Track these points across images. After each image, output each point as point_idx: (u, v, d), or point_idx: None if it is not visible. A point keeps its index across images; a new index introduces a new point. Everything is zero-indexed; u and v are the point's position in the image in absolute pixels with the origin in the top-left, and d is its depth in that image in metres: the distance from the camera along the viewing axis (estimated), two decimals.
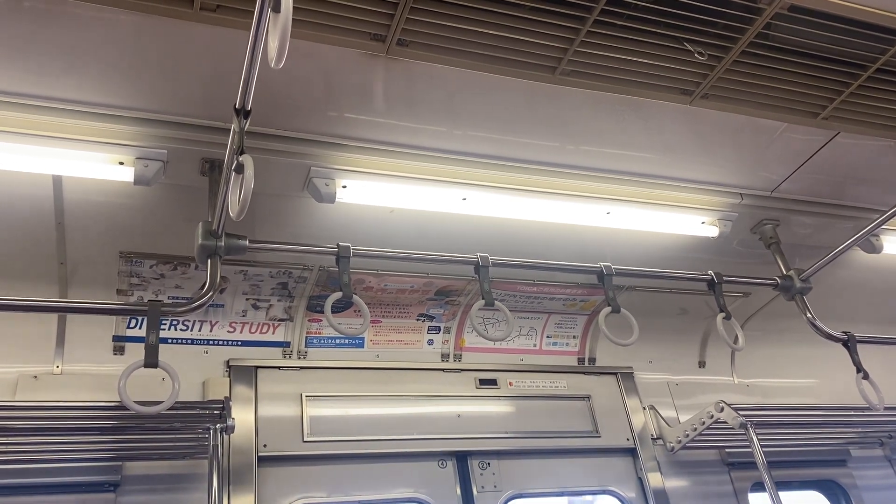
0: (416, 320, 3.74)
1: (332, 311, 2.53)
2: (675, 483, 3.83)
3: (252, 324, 3.46)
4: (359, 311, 2.61)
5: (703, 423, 3.66)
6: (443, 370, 3.77)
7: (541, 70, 2.46)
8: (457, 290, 3.64)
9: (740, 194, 3.31)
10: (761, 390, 4.48)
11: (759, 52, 2.50)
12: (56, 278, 3.01)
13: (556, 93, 2.59)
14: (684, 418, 3.90)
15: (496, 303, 2.73)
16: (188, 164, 2.58)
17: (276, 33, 1.44)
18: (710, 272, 3.19)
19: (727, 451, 3.99)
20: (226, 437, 2.99)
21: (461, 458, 3.53)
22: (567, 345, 4.10)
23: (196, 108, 2.46)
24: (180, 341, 3.34)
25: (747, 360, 4.48)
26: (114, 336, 3.20)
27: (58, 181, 2.65)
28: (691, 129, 2.89)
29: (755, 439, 3.44)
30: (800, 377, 4.62)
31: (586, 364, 4.11)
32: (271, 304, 3.43)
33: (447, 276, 3.52)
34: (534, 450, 3.67)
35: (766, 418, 3.79)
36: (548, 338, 4.05)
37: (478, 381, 3.78)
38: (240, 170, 1.97)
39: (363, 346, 3.67)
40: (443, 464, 3.49)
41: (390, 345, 3.71)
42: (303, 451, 3.24)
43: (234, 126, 1.95)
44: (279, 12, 1.42)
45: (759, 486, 3.85)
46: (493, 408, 3.74)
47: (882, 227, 3.13)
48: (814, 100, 2.75)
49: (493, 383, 3.80)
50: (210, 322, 3.38)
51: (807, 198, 3.43)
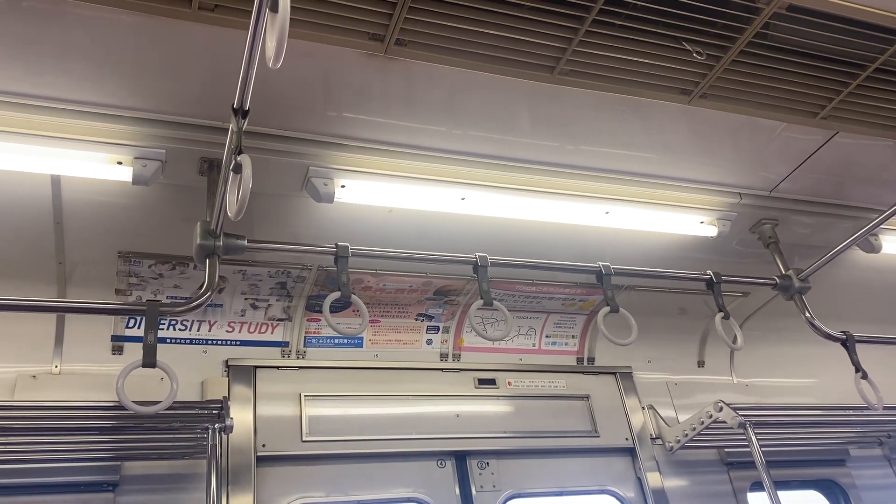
0: (415, 320, 3.74)
1: (331, 311, 2.53)
2: (673, 483, 3.83)
3: (251, 323, 3.45)
4: (357, 311, 2.60)
5: (702, 422, 3.66)
6: (442, 370, 3.77)
7: (539, 70, 2.46)
8: (456, 289, 3.64)
9: (739, 194, 3.31)
10: (760, 390, 4.48)
11: (757, 51, 2.50)
12: (55, 278, 3.01)
13: (555, 92, 2.59)
14: (683, 418, 3.90)
15: (495, 302, 2.73)
16: (187, 164, 2.58)
17: (274, 33, 1.44)
18: (708, 272, 3.19)
19: (726, 450, 3.99)
20: (224, 436, 2.98)
21: (460, 458, 3.53)
22: (566, 344, 4.10)
23: (194, 107, 2.46)
24: (179, 341, 3.34)
25: (746, 360, 4.48)
26: (112, 336, 3.20)
27: (56, 181, 2.65)
28: (690, 128, 2.89)
29: (754, 439, 3.43)
30: (799, 377, 4.62)
31: (585, 364, 4.11)
32: (270, 304, 3.43)
33: (446, 276, 3.52)
34: (533, 449, 3.67)
35: (764, 418, 3.78)
36: (547, 337, 4.05)
37: (477, 381, 3.78)
38: (238, 169, 1.97)
39: (362, 346, 3.67)
40: (442, 463, 3.49)
41: (389, 344, 3.71)
42: (301, 450, 3.24)
43: (232, 126, 1.95)
44: (277, 12, 1.42)
45: (757, 486, 3.85)
46: (491, 407, 3.74)
47: (881, 226, 3.14)
48: (812, 99, 2.75)
49: (491, 383, 3.80)
50: (209, 322, 3.38)
51: (806, 197, 3.43)
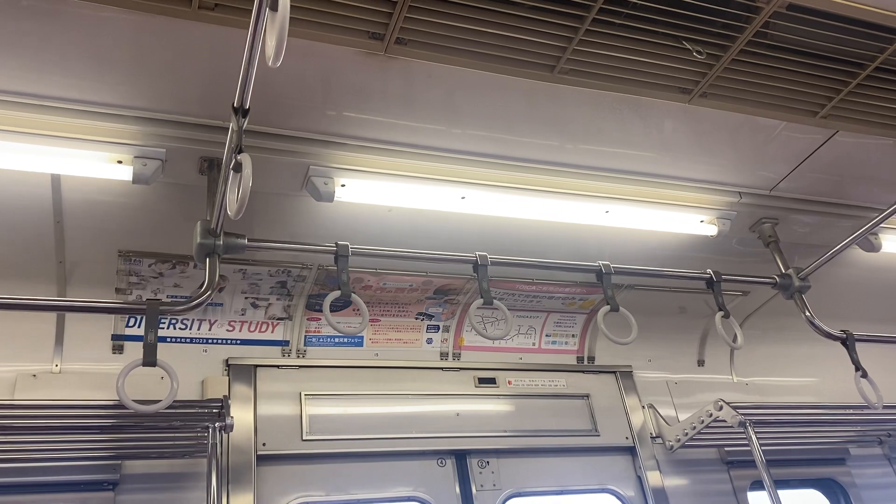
0: (415, 319, 3.74)
1: (331, 310, 2.54)
2: (674, 482, 3.83)
3: (251, 322, 3.46)
4: (357, 310, 2.61)
5: (702, 421, 3.66)
6: (442, 369, 3.77)
7: (539, 69, 2.46)
8: (455, 288, 3.64)
9: (739, 193, 3.31)
10: (760, 389, 4.48)
11: (757, 50, 2.49)
12: (55, 277, 3.01)
13: (555, 91, 2.59)
14: (683, 417, 3.90)
15: (495, 301, 2.73)
16: (187, 163, 2.58)
17: (274, 32, 1.44)
18: (708, 271, 3.19)
19: (726, 449, 3.99)
20: (225, 435, 2.99)
21: (460, 457, 3.53)
22: (566, 343, 4.10)
23: (194, 106, 2.46)
24: (179, 340, 3.34)
25: (746, 359, 4.48)
26: (113, 335, 3.20)
27: (56, 180, 2.65)
28: (690, 127, 2.89)
29: (754, 438, 3.43)
30: (798, 376, 4.62)
31: (585, 363, 4.11)
32: (270, 303, 3.44)
33: (446, 275, 3.52)
34: (533, 448, 3.67)
35: (764, 417, 3.78)
36: (547, 336, 4.05)
37: (477, 380, 3.78)
38: (238, 168, 1.97)
39: (362, 345, 3.67)
40: (442, 462, 3.49)
41: (389, 343, 3.71)
42: (302, 449, 3.25)
43: (232, 125, 1.94)
44: (277, 11, 1.42)
45: (758, 485, 3.85)
46: (492, 406, 3.74)
47: (881, 225, 3.13)
48: (812, 98, 2.75)
49: (492, 382, 3.80)
50: (209, 321, 3.38)
51: (805, 196, 3.42)
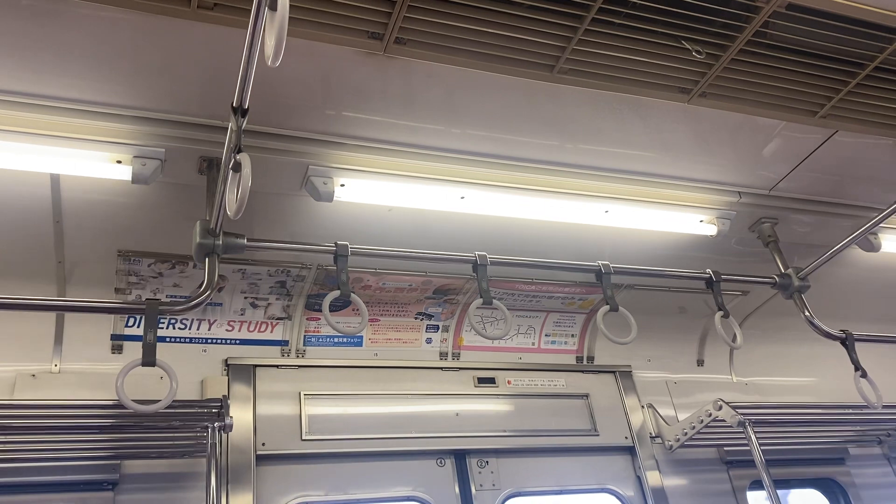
0: (415, 319, 3.74)
1: (331, 310, 2.54)
2: (673, 481, 3.83)
3: (250, 322, 3.46)
4: (357, 310, 2.60)
5: (702, 421, 3.66)
6: (441, 369, 3.77)
7: (539, 68, 2.46)
8: (455, 288, 3.64)
9: (738, 193, 3.31)
10: (759, 389, 4.48)
11: (756, 50, 2.49)
12: (54, 277, 3.01)
13: (555, 91, 2.59)
14: (683, 417, 3.90)
15: (494, 301, 2.73)
16: (186, 163, 2.58)
17: (273, 31, 1.44)
18: (708, 270, 3.19)
19: (725, 449, 3.99)
20: (224, 435, 2.99)
21: (460, 457, 3.53)
22: (565, 343, 4.10)
23: (194, 106, 2.46)
24: (178, 340, 3.34)
25: (746, 359, 4.48)
26: (112, 335, 3.20)
27: (55, 180, 2.64)
28: (689, 127, 2.89)
29: (753, 438, 3.43)
30: (798, 375, 4.62)
31: (585, 363, 4.11)
32: (269, 303, 3.43)
33: (445, 275, 3.52)
34: (532, 448, 3.67)
35: (764, 417, 3.78)
36: (546, 336, 4.05)
37: (476, 380, 3.78)
38: (237, 168, 1.97)
39: (361, 345, 3.67)
40: (441, 462, 3.49)
41: (389, 343, 3.71)
42: (301, 449, 3.24)
43: (231, 124, 1.94)
44: (276, 10, 1.42)
45: (757, 485, 3.86)
46: (491, 406, 3.74)
47: (880, 225, 3.13)
48: (812, 98, 2.75)
49: (491, 382, 3.80)
50: (208, 321, 3.38)
51: (805, 196, 3.43)
